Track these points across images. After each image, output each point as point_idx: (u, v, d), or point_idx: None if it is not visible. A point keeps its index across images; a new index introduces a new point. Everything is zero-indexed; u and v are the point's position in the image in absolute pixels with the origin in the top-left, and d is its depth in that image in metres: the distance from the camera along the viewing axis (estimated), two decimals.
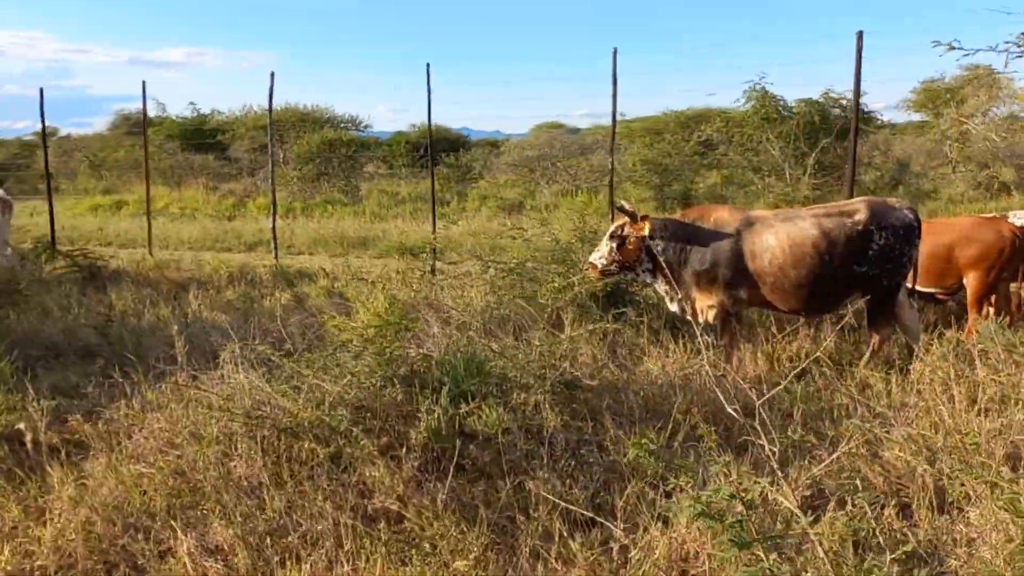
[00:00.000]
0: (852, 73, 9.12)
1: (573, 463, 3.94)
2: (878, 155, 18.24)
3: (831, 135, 16.61)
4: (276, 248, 12.92)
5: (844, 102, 17.18)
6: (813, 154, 16.44)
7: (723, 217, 5.86)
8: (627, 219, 5.85)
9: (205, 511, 3.63)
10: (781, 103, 17.40)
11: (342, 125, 24.93)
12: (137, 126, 34.81)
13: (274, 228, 12.99)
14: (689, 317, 6.07)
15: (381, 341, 4.41)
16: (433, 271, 10.06)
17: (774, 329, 6.30)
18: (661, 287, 6.06)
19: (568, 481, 3.81)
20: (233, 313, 7.95)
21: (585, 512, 3.56)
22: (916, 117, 22.56)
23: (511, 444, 3.99)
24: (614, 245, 5.77)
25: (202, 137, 30.09)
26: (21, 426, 4.32)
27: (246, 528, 3.50)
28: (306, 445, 3.78)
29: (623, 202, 6.16)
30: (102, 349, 6.62)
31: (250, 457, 3.87)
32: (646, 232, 5.69)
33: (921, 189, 17.91)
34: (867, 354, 5.77)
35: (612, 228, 5.80)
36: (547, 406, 4.17)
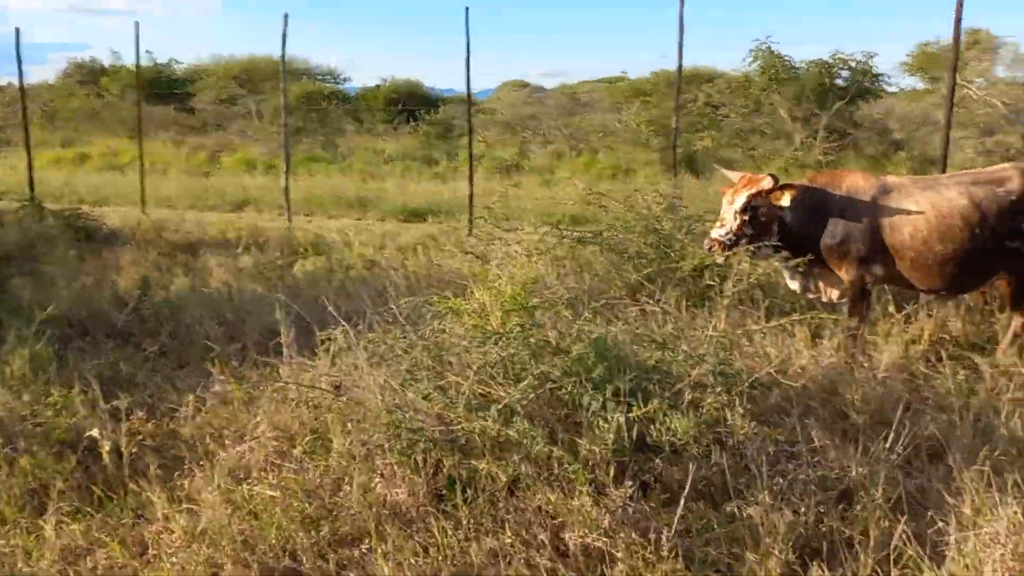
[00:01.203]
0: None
1: (782, 481, 3.30)
2: (882, 119, 17.86)
3: (842, 98, 16.15)
4: (289, 209, 11.97)
5: (853, 63, 16.70)
6: (824, 117, 15.96)
7: (857, 184, 5.23)
8: (750, 187, 5.18)
9: (364, 550, 2.91)
10: (789, 62, 16.82)
11: (318, 78, 23.64)
12: (90, 75, 33.14)
13: (287, 189, 12.02)
14: (811, 295, 5.47)
15: (520, 330, 3.70)
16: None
17: (891, 308, 5.76)
18: (779, 262, 5.43)
19: (782, 504, 3.18)
20: (264, 283, 7.11)
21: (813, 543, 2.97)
22: (911, 82, 22.14)
23: (701, 457, 3.35)
24: (746, 218, 5.09)
25: (163, 87, 28.48)
26: (94, 432, 3.51)
27: (420, 572, 2.80)
28: (483, 466, 3.07)
29: (737, 173, 5.50)
30: (133, 327, 5.79)
31: (402, 478, 3.15)
32: (785, 202, 5.03)
33: (926, 155, 17.58)
34: (1007, 337, 5.25)
35: (742, 199, 5.11)
36: (736, 410, 3.51)
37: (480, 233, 9.40)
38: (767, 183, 5.07)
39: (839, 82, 16.64)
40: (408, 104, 26.08)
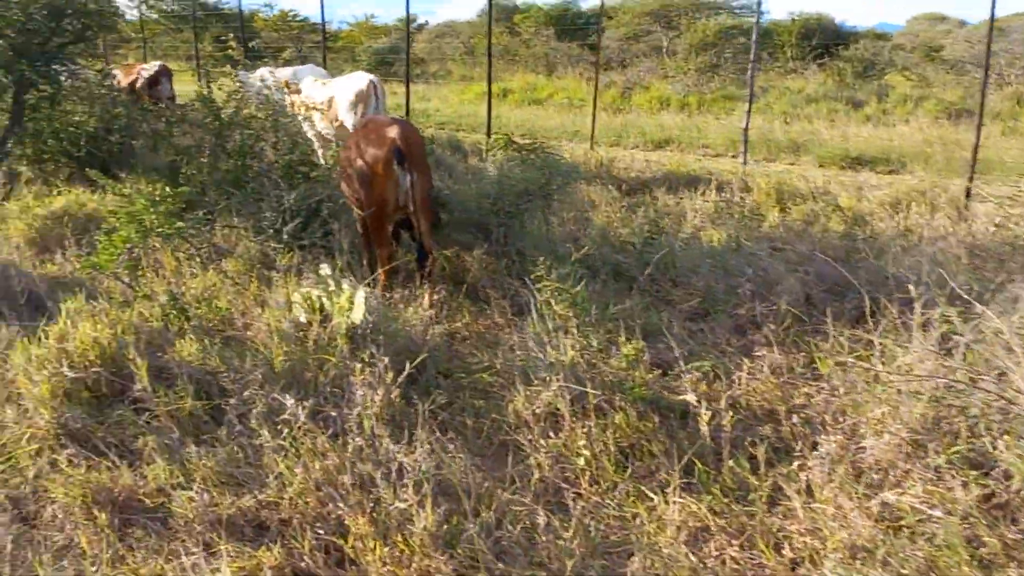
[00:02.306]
0: None
1: None
2: None
3: None
4: (746, 151, 11.40)
5: None
6: None
7: None
8: None
9: None
10: None
11: (736, 11, 22.53)
12: (503, 12, 35.37)
13: (747, 129, 11.45)
14: None
15: None
16: None
17: None
18: None
19: None
20: (745, 232, 6.54)
21: None
22: None
23: None
24: None
25: (569, 24, 29.38)
26: (689, 397, 3.20)
27: None
28: None
29: None
30: (632, 269, 5.57)
31: None
32: None
33: None
34: None
35: None
36: None
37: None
38: None
39: None
40: (819, 39, 23.96)
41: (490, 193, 5.83)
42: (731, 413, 3.12)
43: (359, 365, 3.54)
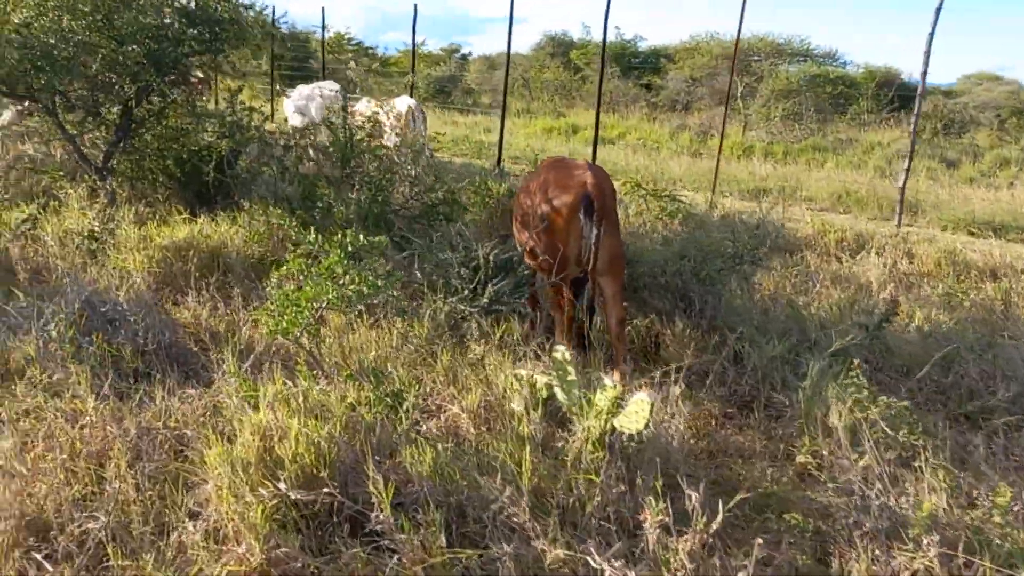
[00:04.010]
0: None
1: None
2: None
3: None
4: (901, 212, 10.52)
5: None
6: None
7: None
8: None
9: None
10: None
11: (819, 60, 21.70)
12: (559, 47, 34.88)
13: (903, 188, 10.61)
14: None
15: None
16: None
17: None
18: None
19: None
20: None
21: None
22: None
23: None
24: None
25: (626, 63, 28.84)
26: None
27: None
28: None
29: None
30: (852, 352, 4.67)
31: None
32: None
33: None
34: None
35: None
36: None
37: None
38: None
39: None
40: (887, 93, 23.16)
41: (690, 254, 4.98)
42: None
43: (651, 498, 2.67)
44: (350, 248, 3.60)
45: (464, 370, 3.93)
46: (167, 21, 5.96)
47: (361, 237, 3.68)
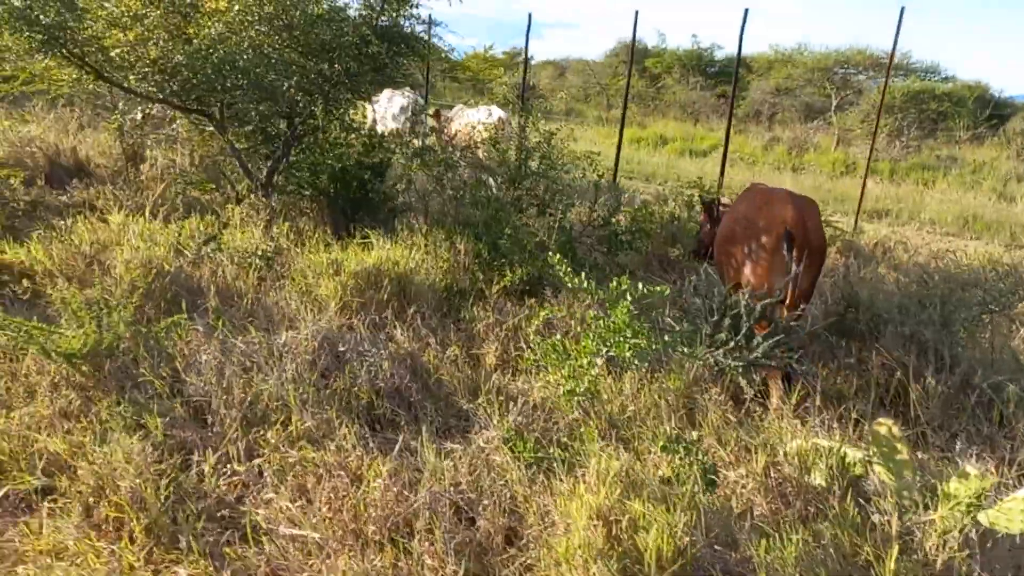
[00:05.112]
0: None
1: None
2: None
3: None
4: None
5: None
6: None
7: None
8: None
9: None
10: None
11: (921, 75, 20.95)
12: (636, 54, 34.41)
13: None
14: None
15: None
16: None
17: None
18: None
19: None
20: None
21: None
22: None
23: None
24: None
25: (702, 72, 28.31)
26: None
27: None
28: None
29: None
30: None
31: None
32: None
33: None
34: None
35: None
36: None
37: None
38: None
39: None
40: (981, 109, 22.30)
41: (935, 299, 4.56)
42: None
43: None
44: (630, 297, 3.27)
45: (733, 432, 3.58)
46: (367, 38, 5.68)
47: (640, 285, 3.35)
